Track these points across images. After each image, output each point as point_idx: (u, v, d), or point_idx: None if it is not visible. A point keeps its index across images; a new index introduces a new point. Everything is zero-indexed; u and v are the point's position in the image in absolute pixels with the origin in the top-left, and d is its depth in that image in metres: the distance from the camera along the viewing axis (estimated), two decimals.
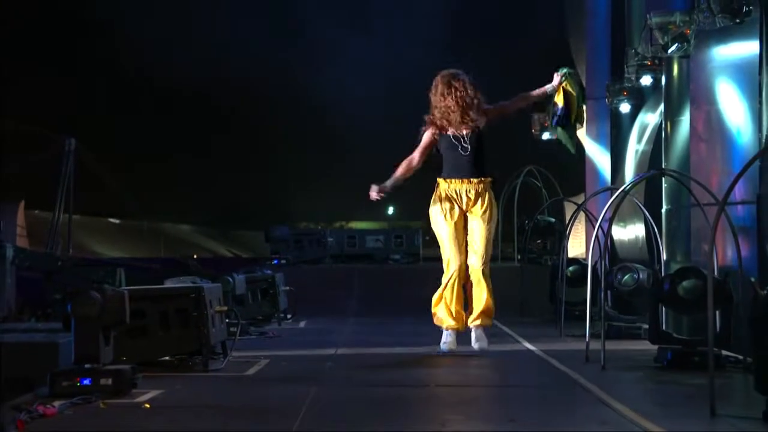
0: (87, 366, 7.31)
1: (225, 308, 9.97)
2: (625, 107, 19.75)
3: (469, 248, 10.12)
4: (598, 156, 22.74)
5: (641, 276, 11.68)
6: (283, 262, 25.18)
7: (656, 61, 15.63)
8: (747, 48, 11.97)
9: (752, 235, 10.87)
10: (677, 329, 10.84)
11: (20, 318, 16.85)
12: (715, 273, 7.24)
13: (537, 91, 10.89)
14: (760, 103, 11.29)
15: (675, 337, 9.52)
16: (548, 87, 10.87)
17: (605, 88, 20.47)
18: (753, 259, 10.63)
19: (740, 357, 8.76)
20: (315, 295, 17.18)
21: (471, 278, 10.13)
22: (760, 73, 11.33)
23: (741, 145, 12.14)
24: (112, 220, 48.19)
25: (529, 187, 24.04)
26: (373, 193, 10.37)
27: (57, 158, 29.41)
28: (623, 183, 15.95)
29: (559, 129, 11.30)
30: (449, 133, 10.21)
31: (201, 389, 7.90)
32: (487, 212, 10.17)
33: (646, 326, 10.86)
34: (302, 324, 14.80)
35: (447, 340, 10.07)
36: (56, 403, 6.73)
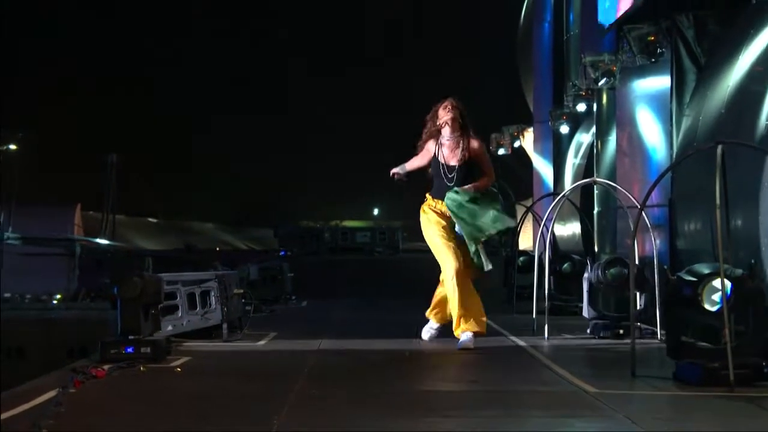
0: (130, 337, 7.32)
1: (241, 291, 9.96)
2: (564, 129, 19.85)
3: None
4: (543, 168, 22.81)
5: (577, 264, 11.71)
6: (288, 253, 25.17)
7: (589, 92, 15.68)
8: (661, 82, 12.05)
9: (666, 232, 10.94)
10: (606, 307, 10.89)
11: (77, 298, 16.87)
12: (636, 262, 7.28)
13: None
14: (671, 125, 11.37)
15: (603, 314, 9.55)
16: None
17: (549, 114, 20.56)
18: (666, 252, 10.71)
19: (656, 329, 8.80)
20: (315, 280, 17.18)
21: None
22: (671, 102, 11.42)
23: (656, 159, 12.20)
24: (150, 219, 48.08)
25: None
26: (397, 169, 8.83)
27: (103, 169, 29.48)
28: (563, 189, 15.98)
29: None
30: (440, 159, 8.62)
31: (222, 356, 7.91)
32: None
33: (581, 304, 10.90)
34: (304, 304, 14.78)
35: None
36: (105, 367, 6.73)
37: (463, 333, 8.23)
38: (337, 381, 6.53)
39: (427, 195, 8.83)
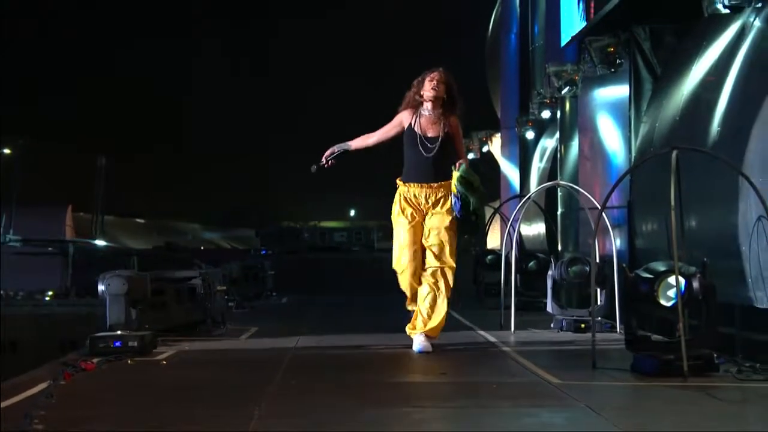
0: (118, 332, 7.30)
1: (224, 288, 9.96)
2: (530, 134, 19.90)
3: (427, 254, 7.59)
4: (510, 171, 22.85)
5: (542, 262, 11.75)
6: (269, 252, 25.11)
7: (553, 100, 15.75)
8: (620, 90, 12.08)
9: (624, 232, 10.99)
10: (569, 302, 10.93)
11: (68, 295, 16.81)
12: (597, 260, 7.31)
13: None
14: (630, 131, 11.43)
15: (566, 308, 9.60)
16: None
17: (515, 120, 20.62)
18: (625, 250, 10.75)
19: (615, 323, 8.85)
20: (294, 277, 17.17)
21: (426, 279, 7.56)
22: (629, 109, 11.47)
23: (616, 163, 12.24)
24: (138, 220, 47.91)
25: None
26: (336, 147, 7.69)
27: (93, 171, 29.38)
28: (529, 192, 16.02)
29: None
30: (417, 129, 7.54)
31: (206, 350, 7.89)
32: (448, 209, 7.56)
33: (545, 300, 10.93)
34: (284, 300, 14.77)
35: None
36: (94, 360, 6.71)
37: (419, 336, 7.49)
38: (314, 373, 6.53)
39: (398, 181, 7.67)
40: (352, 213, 52.71)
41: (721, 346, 6.45)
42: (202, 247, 38.24)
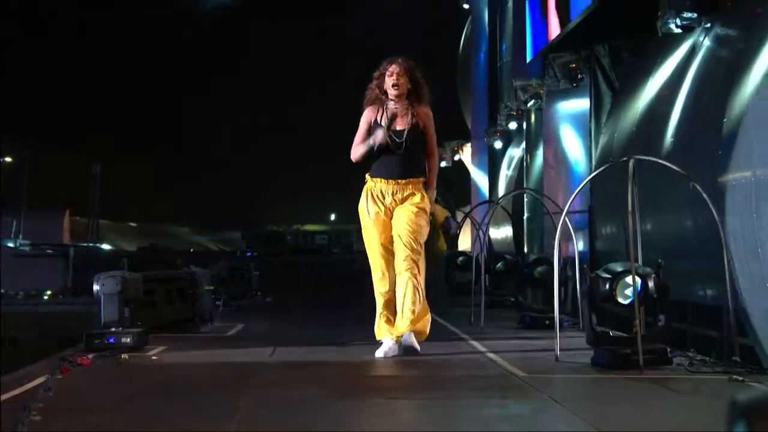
0: (112, 329, 7.26)
1: (212, 288, 9.92)
2: (498, 144, 19.97)
3: (395, 243, 6.74)
4: (479, 178, 22.93)
5: (509, 263, 11.78)
6: (255, 254, 25.07)
7: (520, 112, 15.82)
8: (581, 104, 12.16)
9: (586, 235, 11.04)
10: (534, 300, 10.97)
11: (65, 294, 16.72)
12: (560, 261, 7.33)
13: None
14: (590, 142, 11.49)
15: (532, 307, 9.63)
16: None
17: (484, 131, 20.69)
18: (586, 252, 10.81)
19: (577, 320, 8.87)
20: (278, 278, 17.12)
21: (399, 269, 6.72)
22: (590, 121, 11.54)
23: (578, 171, 12.31)
24: (131, 223, 47.69)
25: None
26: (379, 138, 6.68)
27: (89, 178, 29.28)
28: (497, 197, 16.07)
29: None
30: (383, 123, 6.66)
31: (194, 345, 7.85)
32: (416, 203, 6.72)
33: (512, 298, 10.98)
34: (268, 299, 14.72)
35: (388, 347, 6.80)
36: (90, 356, 6.67)
37: (384, 339, 6.82)
38: (296, 366, 6.51)
39: (367, 176, 6.83)
40: (333, 217, 52.71)
41: (674, 341, 6.49)
42: (191, 249, 38.09)
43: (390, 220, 6.76)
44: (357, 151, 6.81)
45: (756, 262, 6.20)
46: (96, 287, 7.47)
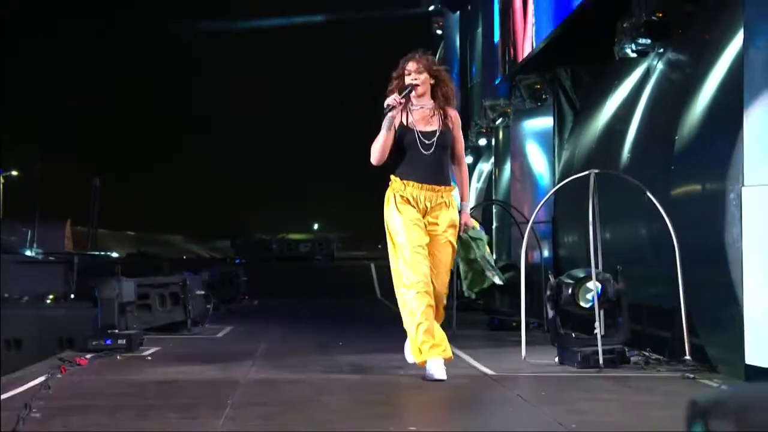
0: (109, 331, 7.20)
1: (203, 292, 9.86)
2: (469, 159, 19.97)
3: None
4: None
5: None
6: (243, 261, 24.96)
7: (489, 129, 15.85)
8: (545, 122, 12.21)
9: (550, 244, 11.06)
10: (502, 304, 10.96)
11: (66, 298, 16.57)
12: (527, 267, 7.33)
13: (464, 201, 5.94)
14: (554, 157, 11.53)
15: (500, 310, 9.63)
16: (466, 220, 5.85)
17: None
18: (550, 259, 10.82)
19: (542, 322, 8.88)
20: (264, 283, 17.05)
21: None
22: (553, 138, 11.58)
23: (542, 184, 12.34)
24: (129, 232, 47.48)
25: None
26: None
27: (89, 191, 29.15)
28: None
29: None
30: (410, 125, 5.57)
31: (186, 346, 7.81)
32: (452, 232, 5.66)
33: (482, 302, 10.97)
34: (256, 302, 14.66)
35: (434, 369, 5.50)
36: (88, 356, 6.61)
37: (431, 360, 5.50)
38: (282, 363, 6.47)
39: (393, 177, 5.63)
40: (316, 226, 52.61)
41: (631, 341, 6.50)
42: (184, 257, 37.90)
43: (425, 227, 5.60)
44: (374, 147, 5.54)
45: (704, 268, 6.22)
46: (95, 292, 7.43)
